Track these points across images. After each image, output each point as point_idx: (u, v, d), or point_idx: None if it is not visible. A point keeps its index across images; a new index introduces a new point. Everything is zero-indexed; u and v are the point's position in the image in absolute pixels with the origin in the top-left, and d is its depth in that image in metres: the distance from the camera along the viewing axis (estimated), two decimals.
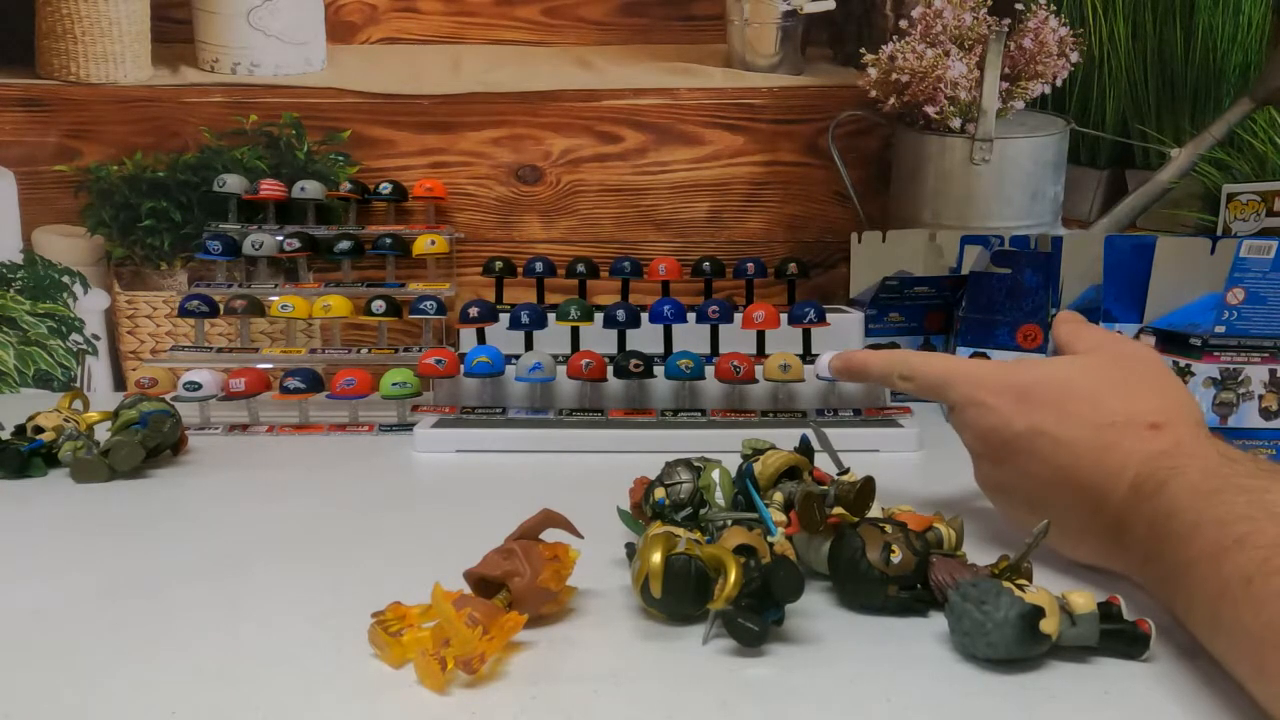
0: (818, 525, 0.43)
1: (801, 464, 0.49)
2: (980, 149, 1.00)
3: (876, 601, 0.41)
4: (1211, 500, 0.35)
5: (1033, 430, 0.45)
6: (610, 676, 0.36)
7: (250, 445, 0.78)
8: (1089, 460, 0.43)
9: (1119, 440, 0.42)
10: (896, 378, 0.53)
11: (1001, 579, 0.37)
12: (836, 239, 1.05)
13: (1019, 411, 0.46)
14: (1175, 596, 0.37)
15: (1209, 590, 0.33)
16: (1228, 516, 0.34)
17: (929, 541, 0.43)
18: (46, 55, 1.01)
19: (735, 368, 0.77)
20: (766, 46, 1.02)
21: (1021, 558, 0.41)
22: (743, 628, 0.37)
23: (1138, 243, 0.78)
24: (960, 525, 0.45)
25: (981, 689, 0.35)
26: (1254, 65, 1.01)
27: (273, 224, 0.99)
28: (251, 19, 1.01)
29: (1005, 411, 0.46)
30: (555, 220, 1.05)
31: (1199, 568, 0.34)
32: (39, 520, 0.57)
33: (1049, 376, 0.46)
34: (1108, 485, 0.42)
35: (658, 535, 0.40)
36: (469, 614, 0.35)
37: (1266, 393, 0.69)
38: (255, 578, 0.47)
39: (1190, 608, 0.35)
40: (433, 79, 1.03)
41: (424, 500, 0.64)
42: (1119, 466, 0.42)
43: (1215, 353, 0.69)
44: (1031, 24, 1.00)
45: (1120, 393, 0.44)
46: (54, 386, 1.04)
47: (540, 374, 0.77)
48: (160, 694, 0.35)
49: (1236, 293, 0.69)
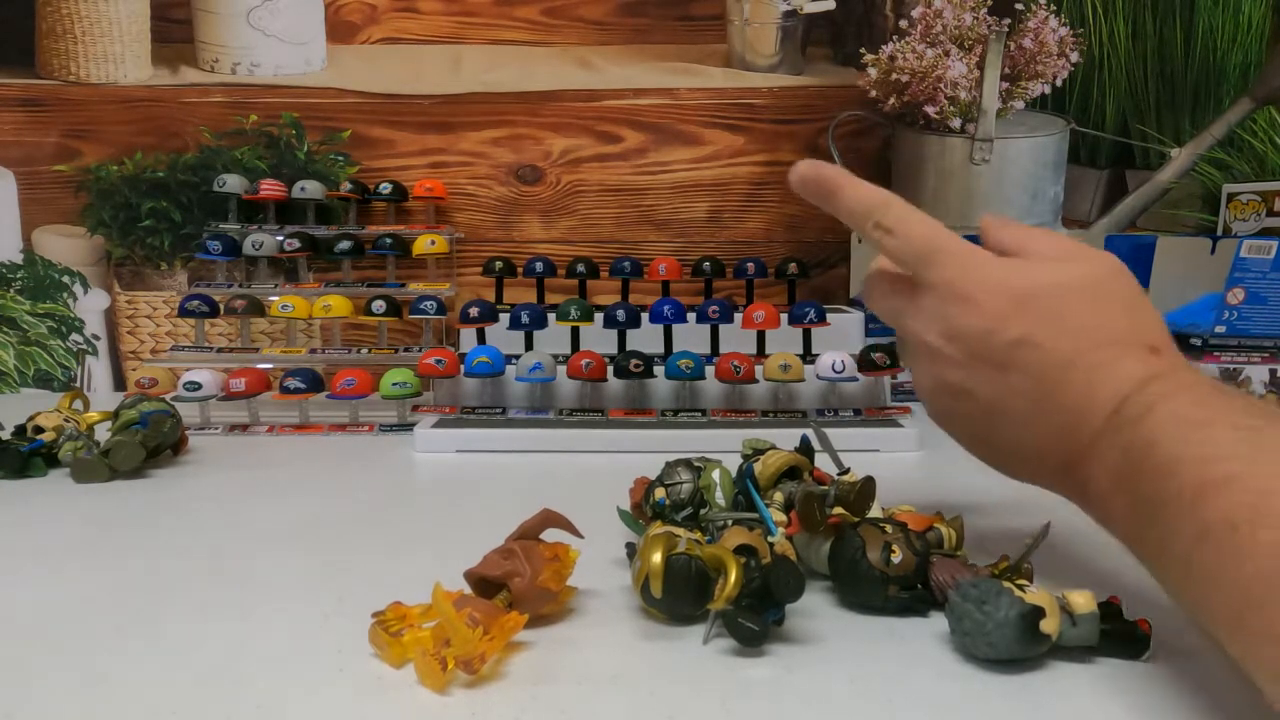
0: (818, 525, 0.43)
1: (802, 464, 0.49)
2: (980, 149, 1.00)
3: (877, 601, 0.41)
4: (1200, 432, 0.32)
5: (1024, 340, 0.40)
6: (611, 677, 0.36)
7: (250, 445, 0.78)
8: (1079, 379, 0.39)
9: (1117, 359, 0.38)
10: (872, 224, 0.44)
11: (1001, 579, 0.37)
12: (836, 239, 1.05)
13: (1013, 317, 0.40)
14: (1145, 534, 0.34)
15: (1186, 531, 0.30)
16: (1215, 454, 0.31)
17: (929, 542, 0.43)
18: (46, 55, 1.00)
19: (735, 368, 0.77)
20: (766, 46, 1.02)
21: (1022, 558, 0.41)
22: (743, 628, 0.37)
23: (1138, 243, 0.78)
24: (961, 525, 0.45)
25: (982, 689, 0.35)
26: (1254, 65, 1.01)
27: (273, 224, 0.99)
28: (251, 19, 1.01)
29: (1000, 315, 0.40)
30: (555, 220, 1.05)
31: (1176, 505, 0.31)
32: (39, 520, 0.57)
33: (1053, 284, 0.41)
34: (1092, 405, 0.38)
35: (658, 535, 0.40)
36: (469, 614, 0.35)
37: (1267, 392, 0.69)
38: (255, 578, 0.47)
39: (1162, 549, 0.33)
40: (433, 79, 1.03)
41: (424, 500, 0.64)
42: (1112, 388, 0.38)
43: (1215, 353, 0.69)
44: (1031, 24, 1.00)
45: (1125, 309, 0.40)
46: (54, 386, 1.04)
47: (540, 374, 0.77)
48: (161, 694, 0.35)
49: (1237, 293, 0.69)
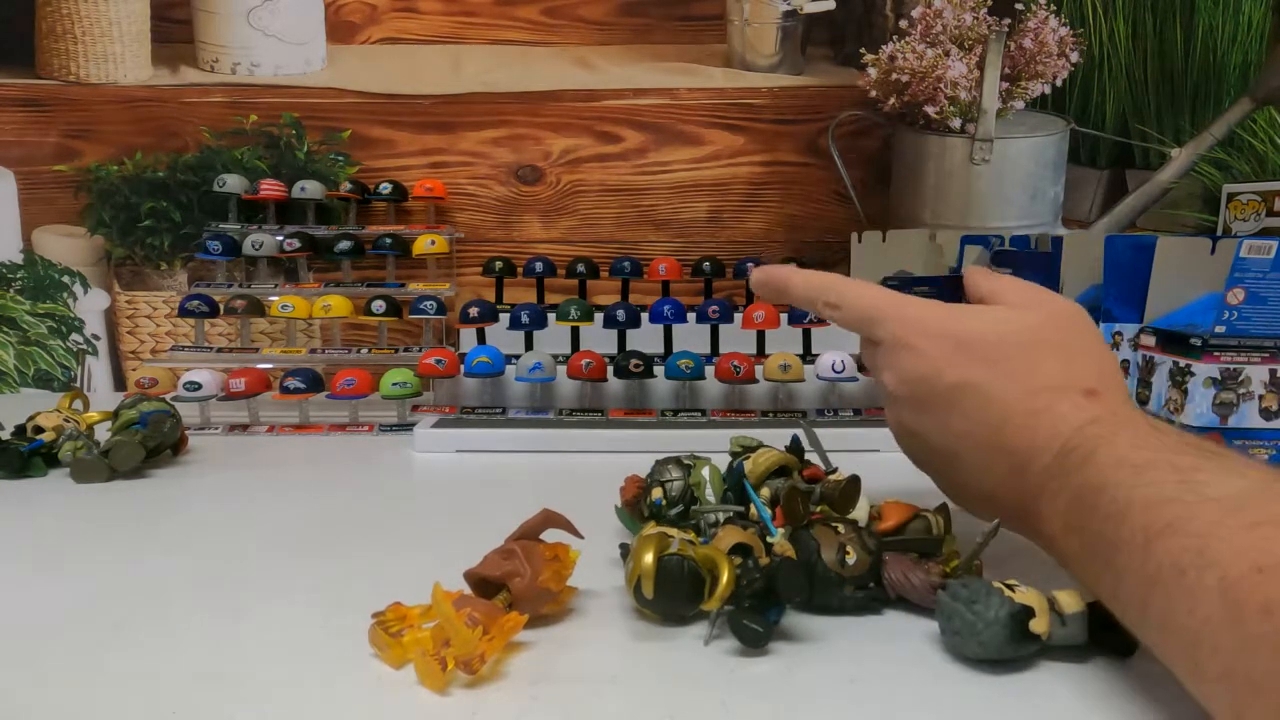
0: (801, 519, 0.43)
1: (791, 463, 0.49)
2: (980, 149, 1.00)
3: (833, 602, 0.41)
4: (1141, 475, 0.34)
5: (965, 383, 0.42)
6: (611, 677, 0.36)
7: (250, 445, 0.78)
8: (1018, 422, 0.41)
9: (1053, 404, 0.40)
10: (822, 304, 0.48)
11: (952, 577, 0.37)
12: (836, 239, 1.05)
13: (953, 362, 0.43)
14: (1102, 574, 0.35)
15: (1139, 575, 0.32)
16: (1158, 496, 0.33)
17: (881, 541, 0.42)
18: (46, 55, 1.00)
19: (735, 368, 0.77)
20: (766, 46, 1.02)
21: (971, 556, 0.41)
22: (747, 628, 0.37)
23: (1138, 243, 0.77)
24: (948, 513, 0.45)
25: (980, 689, 0.35)
26: (1254, 65, 1.01)
27: (273, 224, 0.99)
28: (251, 19, 1.01)
29: (938, 360, 0.43)
30: (555, 220, 1.05)
31: (1127, 550, 0.33)
32: (39, 520, 0.57)
33: (989, 330, 0.43)
34: (1034, 450, 0.40)
35: (650, 535, 0.40)
36: (469, 614, 0.36)
37: (1267, 393, 0.69)
38: (255, 578, 0.47)
39: (1118, 590, 0.34)
40: (433, 79, 1.02)
41: (424, 500, 0.64)
42: (1049, 432, 0.40)
43: (1215, 353, 0.69)
44: (1031, 24, 1.00)
45: (1060, 355, 0.42)
46: (54, 386, 1.04)
47: (540, 374, 0.77)
48: (160, 694, 0.35)
49: (1237, 293, 0.69)
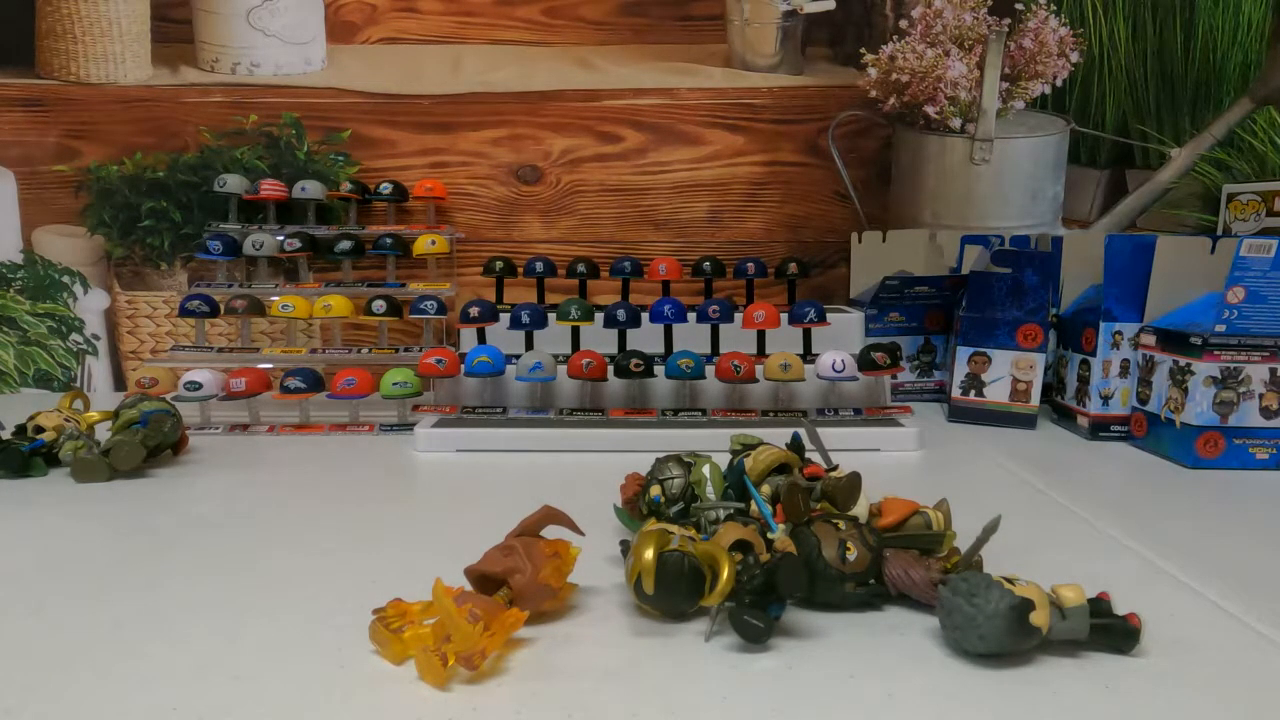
0: (801, 515, 0.43)
1: (792, 460, 0.49)
2: (980, 149, 1.00)
3: (834, 598, 0.41)
4: None
5: None
6: (611, 672, 0.36)
7: (250, 445, 0.78)
8: None
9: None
10: None
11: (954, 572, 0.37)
12: (836, 239, 1.05)
13: None
14: None
15: None
16: None
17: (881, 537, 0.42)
18: (46, 55, 1.01)
19: (736, 367, 0.77)
20: (766, 46, 1.02)
21: (970, 553, 0.41)
22: (749, 625, 0.37)
23: (1138, 243, 0.77)
24: (947, 508, 0.45)
25: (983, 683, 0.35)
26: (1254, 65, 1.01)
27: (273, 224, 0.99)
28: (251, 19, 1.01)
29: None
30: (555, 220, 1.05)
31: None
32: (39, 520, 0.57)
33: None
34: None
35: (651, 532, 0.40)
36: (470, 610, 0.35)
37: (1267, 391, 0.69)
38: (256, 576, 0.47)
39: None
40: (433, 79, 1.03)
41: (424, 499, 0.64)
42: None
43: (1216, 352, 0.69)
44: (1031, 24, 1.00)
45: None
46: (54, 386, 1.04)
47: (540, 374, 0.77)
48: (161, 691, 0.35)
49: (1237, 292, 0.69)
